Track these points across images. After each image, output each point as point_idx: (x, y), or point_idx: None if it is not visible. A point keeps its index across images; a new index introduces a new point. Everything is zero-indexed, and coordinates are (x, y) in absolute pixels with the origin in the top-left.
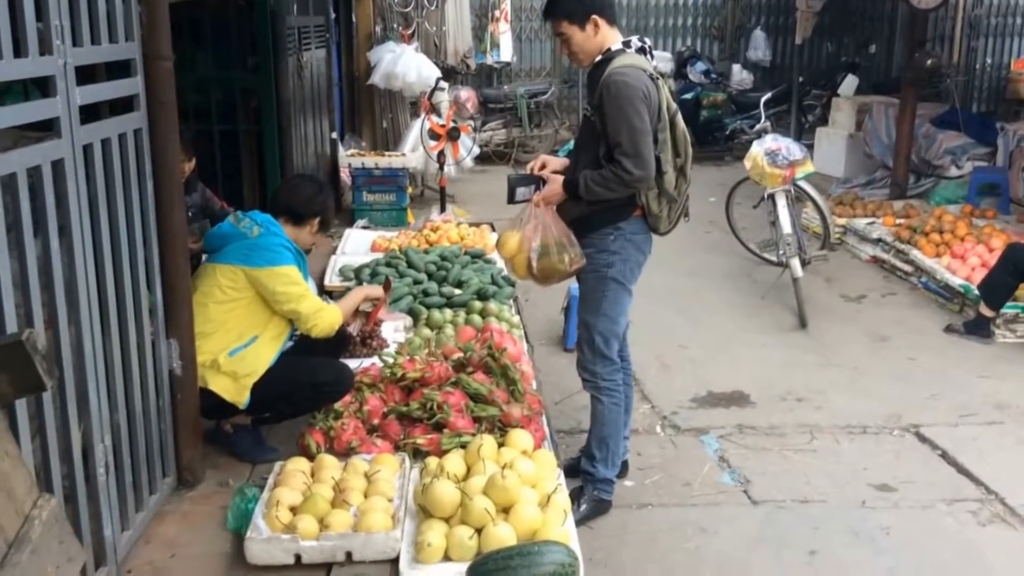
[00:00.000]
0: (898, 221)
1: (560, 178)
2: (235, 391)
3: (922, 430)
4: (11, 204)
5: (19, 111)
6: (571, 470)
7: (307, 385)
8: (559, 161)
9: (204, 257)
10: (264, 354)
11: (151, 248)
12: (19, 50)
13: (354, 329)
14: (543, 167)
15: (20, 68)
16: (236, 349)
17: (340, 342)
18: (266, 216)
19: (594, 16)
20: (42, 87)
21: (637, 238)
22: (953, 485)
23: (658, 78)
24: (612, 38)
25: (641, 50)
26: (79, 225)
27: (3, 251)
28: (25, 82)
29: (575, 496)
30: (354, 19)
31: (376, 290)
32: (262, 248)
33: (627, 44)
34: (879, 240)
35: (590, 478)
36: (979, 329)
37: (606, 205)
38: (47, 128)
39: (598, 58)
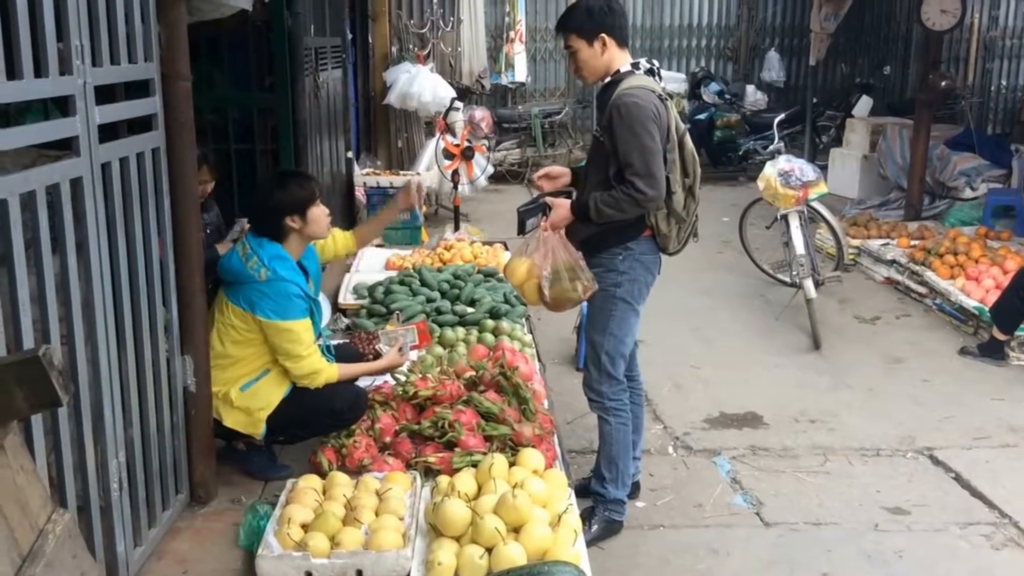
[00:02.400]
0: (912, 242)
1: (566, 202)
2: (250, 424)
3: (936, 453)
4: (30, 221)
5: (39, 130)
6: (583, 490)
7: (323, 412)
8: (560, 169)
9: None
10: (276, 388)
11: (167, 265)
12: (40, 70)
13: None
14: (545, 176)
15: (41, 88)
16: (248, 383)
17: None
18: (273, 249)
19: (603, 34)
20: (61, 106)
21: (646, 258)
22: (966, 508)
23: (667, 99)
24: (620, 59)
25: (649, 71)
26: (96, 242)
27: (22, 267)
28: (45, 101)
29: (586, 516)
30: (371, 40)
31: (396, 361)
32: (270, 297)
33: (635, 66)
34: (893, 261)
35: (601, 499)
36: (993, 352)
37: (616, 225)
38: (66, 147)
39: (607, 79)
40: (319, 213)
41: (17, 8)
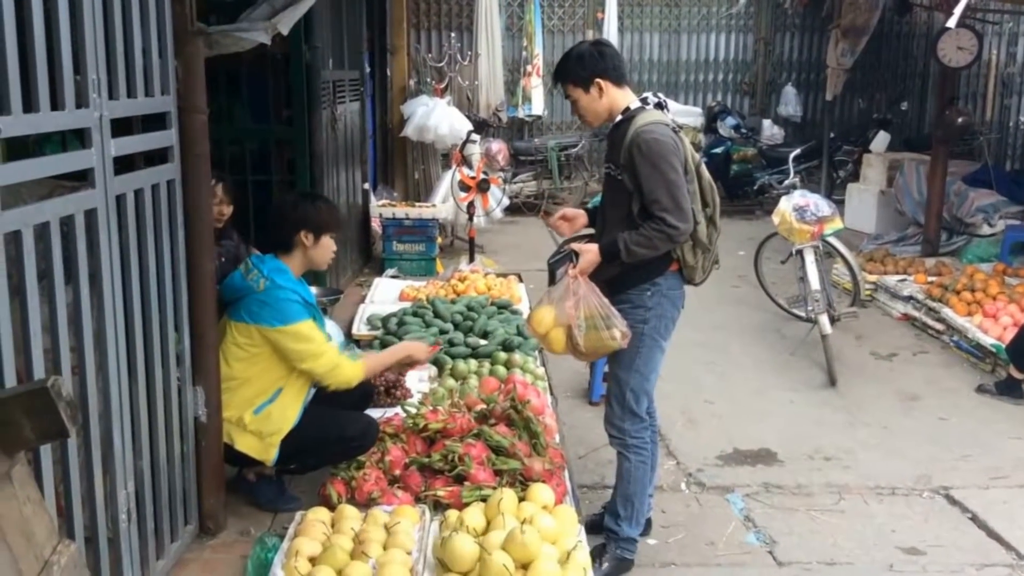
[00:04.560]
0: (930, 279)
1: (593, 247)
2: (262, 449)
3: (952, 492)
4: (44, 252)
5: (54, 162)
6: (594, 526)
7: (334, 440)
8: (575, 211)
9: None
10: (289, 410)
11: (180, 296)
12: (56, 103)
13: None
14: (562, 218)
15: (57, 120)
16: (261, 406)
17: (365, 396)
18: (274, 263)
19: (597, 79)
20: (81, 137)
21: (673, 293)
22: (983, 549)
23: (679, 130)
24: (624, 98)
25: (658, 105)
26: (110, 273)
27: (35, 298)
28: (64, 131)
29: (597, 554)
30: (389, 73)
31: (419, 349)
32: (269, 305)
33: (644, 101)
34: (910, 298)
35: (613, 536)
36: (1011, 390)
37: (642, 262)
38: (82, 178)
39: (618, 118)
40: (329, 243)
41: (35, 41)
